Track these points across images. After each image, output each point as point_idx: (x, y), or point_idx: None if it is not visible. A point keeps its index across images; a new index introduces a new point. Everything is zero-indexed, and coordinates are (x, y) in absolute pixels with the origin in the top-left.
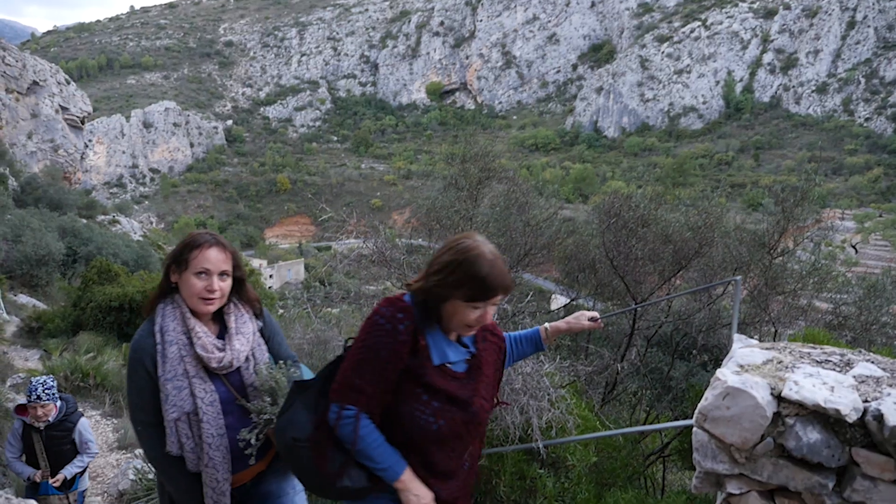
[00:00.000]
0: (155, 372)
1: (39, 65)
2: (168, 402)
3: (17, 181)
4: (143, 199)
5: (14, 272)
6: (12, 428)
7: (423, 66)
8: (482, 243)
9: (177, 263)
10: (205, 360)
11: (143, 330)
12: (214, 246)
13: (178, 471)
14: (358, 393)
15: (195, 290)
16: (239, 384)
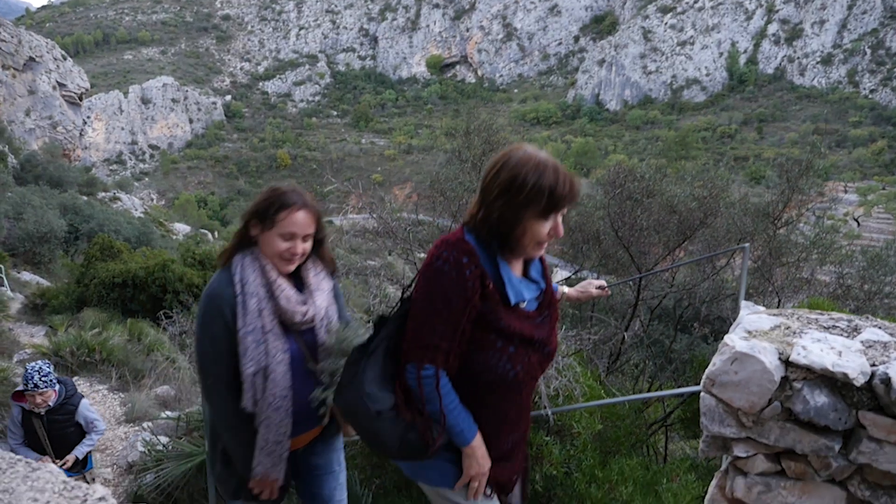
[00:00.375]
0: (234, 323)
1: (35, 40)
2: (247, 356)
3: (16, 159)
4: (144, 175)
5: (17, 250)
6: (11, 415)
7: (422, 38)
8: (535, 150)
9: (260, 219)
10: (288, 314)
11: (221, 280)
12: (303, 209)
13: (248, 429)
14: (434, 350)
15: (278, 251)
16: (312, 343)
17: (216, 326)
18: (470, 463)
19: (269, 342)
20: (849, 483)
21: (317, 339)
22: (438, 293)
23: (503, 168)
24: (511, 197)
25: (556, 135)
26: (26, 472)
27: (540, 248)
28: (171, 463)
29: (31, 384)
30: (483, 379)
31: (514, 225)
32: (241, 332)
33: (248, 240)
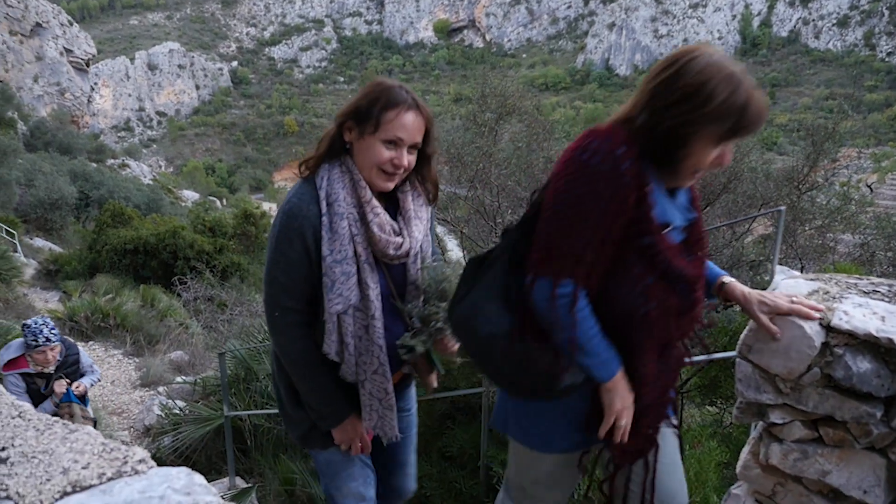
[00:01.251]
0: (316, 248)
1: (41, 6)
2: (333, 290)
3: (25, 125)
4: (151, 142)
5: (29, 216)
6: (9, 385)
7: (430, 2)
8: (724, 57)
9: (359, 121)
10: (379, 245)
11: (303, 194)
12: (413, 109)
13: (322, 372)
14: (574, 261)
15: (379, 160)
16: (399, 280)
17: (294, 250)
18: (612, 399)
19: (366, 274)
20: (890, 451)
21: (406, 276)
22: (585, 191)
23: (686, 71)
24: (692, 108)
25: (565, 101)
26: (65, 434)
27: (694, 178)
28: (188, 426)
29: (41, 339)
30: (610, 309)
31: (685, 142)
32: (327, 261)
33: (340, 146)
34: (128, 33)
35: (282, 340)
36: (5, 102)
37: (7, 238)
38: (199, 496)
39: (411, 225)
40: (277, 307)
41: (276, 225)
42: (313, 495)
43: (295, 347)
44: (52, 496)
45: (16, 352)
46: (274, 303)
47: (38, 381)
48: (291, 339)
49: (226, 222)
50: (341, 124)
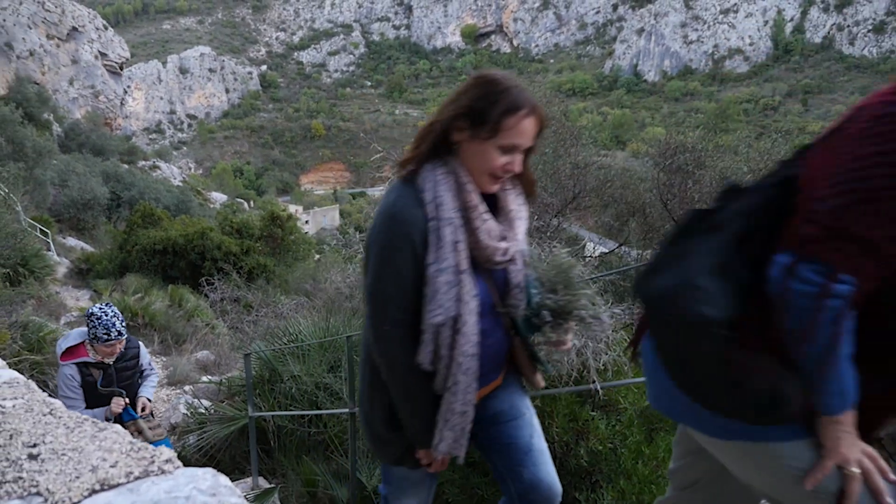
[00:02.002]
0: (424, 255)
1: (78, 10)
2: (435, 301)
3: (60, 127)
4: (182, 144)
5: (62, 216)
6: (63, 377)
7: (457, 7)
8: None
9: (474, 123)
10: (487, 251)
11: (407, 197)
12: (533, 115)
13: (424, 390)
14: (865, 251)
15: (493, 166)
16: (502, 283)
17: (403, 258)
18: (838, 435)
19: (464, 285)
20: None
21: (508, 279)
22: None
23: None
24: None
25: (592, 106)
26: (94, 432)
27: None
28: (213, 426)
29: (114, 333)
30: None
31: None
32: (431, 270)
33: (446, 146)
34: (160, 37)
35: (393, 354)
36: (41, 105)
37: (41, 237)
38: (224, 497)
39: (515, 226)
40: (387, 321)
41: (382, 231)
42: (335, 497)
43: (407, 362)
44: (81, 493)
45: (75, 340)
46: (384, 316)
47: (94, 373)
48: (404, 352)
49: (253, 224)
50: (451, 123)
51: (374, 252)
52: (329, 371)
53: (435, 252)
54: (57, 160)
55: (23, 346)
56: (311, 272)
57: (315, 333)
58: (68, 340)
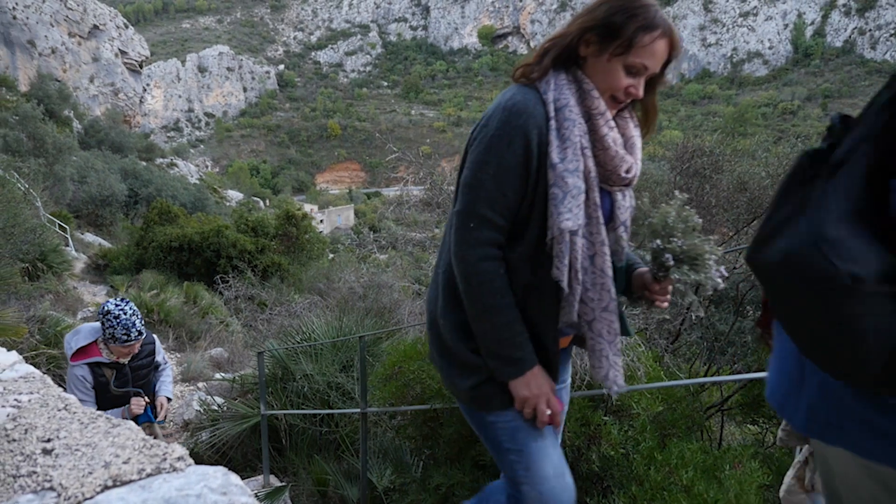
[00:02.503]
0: (539, 155)
1: (99, 9)
2: (564, 204)
3: (80, 124)
4: (199, 142)
5: (81, 211)
6: (74, 379)
7: (475, 9)
8: None
9: (606, 37)
10: (613, 161)
11: (526, 95)
12: (666, 37)
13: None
14: None
15: (616, 85)
16: (607, 215)
17: (512, 153)
18: None
19: (594, 193)
20: None
21: (615, 211)
22: None
23: None
24: None
25: None
26: (107, 428)
27: None
28: (225, 423)
29: (134, 333)
30: None
31: None
32: (557, 169)
33: (570, 57)
34: (180, 36)
35: (471, 258)
36: (62, 101)
37: (60, 232)
38: (234, 496)
39: (635, 151)
40: (475, 217)
41: (494, 121)
42: (345, 497)
43: (486, 268)
44: (94, 489)
45: (87, 338)
46: (471, 211)
47: (106, 373)
48: (484, 257)
49: (268, 223)
50: (581, 35)
51: (479, 140)
52: (341, 371)
53: (560, 150)
54: (76, 157)
55: (40, 340)
56: (324, 271)
57: (328, 333)
58: (79, 339)
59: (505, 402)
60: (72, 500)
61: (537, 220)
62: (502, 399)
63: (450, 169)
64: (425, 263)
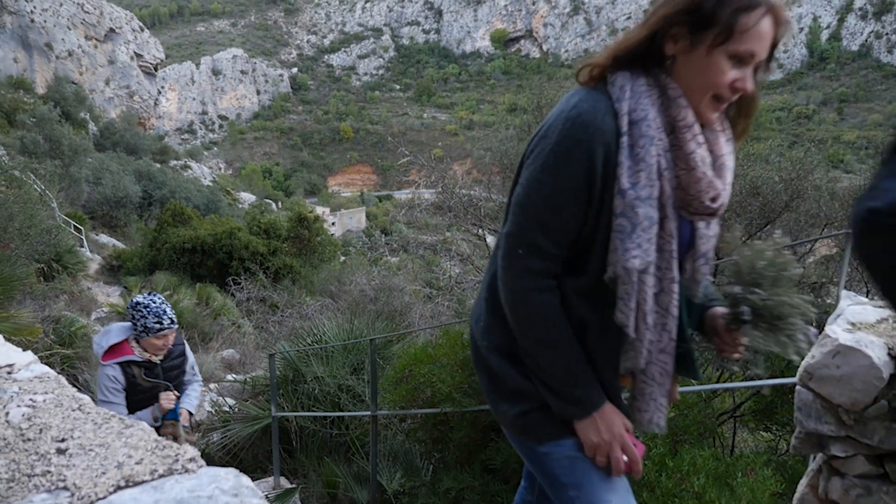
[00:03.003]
0: (606, 173)
1: (115, 12)
2: (632, 239)
3: (96, 126)
4: (213, 145)
5: (95, 213)
6: (105, 379)
7: (487, 12)
8: None
9: (698, 24)
10: (697, 187)
11: (595, 102)
12: (770, 14)
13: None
14: None
15: (720, 81)
16: (685, 247)
17: (572, 173)
18: None
19: (669, 225)
20: None
21: (697, 244)
22: None
23: None
24: None
25: None
26: (121, 429)
27: None
28: (237, 424)
29: (166, 321)
30: None
31: None
32: (627, 197)
33: (652, 58)
34: (194, 39)
35: (518, 289)
36: (79, 104)
37: (75, 233)
38: (246, 498)
39: (725, 172)
40: (524, 243)
41: (554, 132)
42: (355, 499)
43: (536, 301)
44: (107, 489)
45: (117, 336)
46: (521, 236)
47: (137, 373)
48: (533, 289)
49: (280, 225)
50: (663, 25)
51: (537, 155)
52: (352, 373)
53: (632, 174)
54: (92, 158)
55: (54, 339)
56: (336, 274)
57: (339, 335)
58: (109, 337)
59: (560, 430)
60: (85, 500)
61: (599, 252)
62: (556, 427)
63: (461, 172)
64: (436, 267)
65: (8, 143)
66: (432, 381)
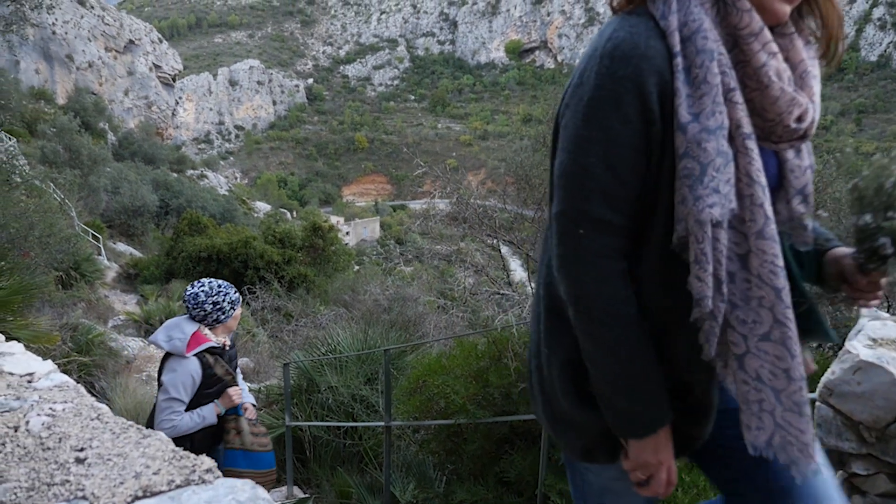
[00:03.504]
0: (665, 106)
1: (135, 24)
2: (704, 182)
3: (115, 136)
4: (229, 154)
5: (113, 221)
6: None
7: (502, 23)
8: None
9: None
10: (777, 105)
11: (633, 24)
12: None
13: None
14: None
15: None
16: (774, 182)
17: (625, 113)
18: None
19: (744, 162)
20: None
21: (787, 175)
22: None
23: None
24: None
25: None
26: (138, 439)
27: None
28: None
29: (235, 296)
30: None
31: None
32: (689, 131)
33: None
34: (212, 50)
35: (586, 279)
36: (98, 114)
37: (93, 242)
38: None
39: (811, 82)
40: (585, 220)
41: (591, 75)
42: None
43: (609, 292)
44: (125, 499)
45: (191, 327)
46: (578, 212)
47: (210, 361)
48: (605, 276)
49: (295, 234)
50: None
51: (575, 108)
52: (366, 383)
53: (693, 101)
54: (110, 168)
55: (72, 347)
56: (350, 283)
57: (353, 345)
58: (184, 328)
59: (610, 455)
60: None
61: (664, 213)
62: (608, 452)
63: (476, 183)
64: (451, 277)
65: (29, 152)
66: (446, 393)
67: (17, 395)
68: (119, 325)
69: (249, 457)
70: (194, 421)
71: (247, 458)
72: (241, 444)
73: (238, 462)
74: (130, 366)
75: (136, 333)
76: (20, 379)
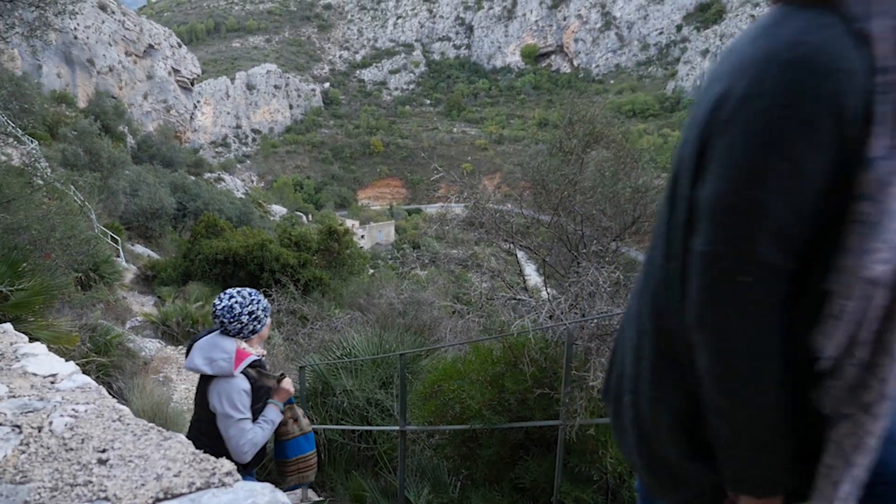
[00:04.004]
0: (861, 129)
1: (155, 29)
2: (877, 234)
3: (134, 139)
4: (246, 158)
5: (132, 223)
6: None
7: (518, 28)
8: None
9: None
10: None
11: (820, 27)
12: None
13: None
14: None
15: None
16: None
17: (819, 139)
18: None
19: None
20: None
21: None
22: None
23: None
24: None
25: (653, 128)
26: (159, 441)
27: None
28: None
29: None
30: None
31: None
32: (879, 168)
33: None
34: (230, 55)
35: (741, 334)
36: (118, 118)
37: (111, 244)
38: None
39: None
40: (750, 265)
41: (771, 89)
42: None
43: (765, 349)
44: (146, 501)
45: (232, 343)
46: (743, 257)
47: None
48: (763, 335)
49: (310, 237)
50: None
51: (746, 129)
52: (381, 387)
53: (892, 136)
54: (129, 171)
55: (90, 347)
56: (365, 287)
57: (368, 349)
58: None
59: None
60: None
61: (823, 259)
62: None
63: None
64: (465, 282)
65: (50, 155)
66: (461, 398)
67: (40, 396)
68: (136, 326)
69: (309, 438)
70: (266, 430)
71: (308, 440)
72: (301, 429)
73: (303, 447)
74: (148, 367)
75: (154, 335)
76: (43, 380)
